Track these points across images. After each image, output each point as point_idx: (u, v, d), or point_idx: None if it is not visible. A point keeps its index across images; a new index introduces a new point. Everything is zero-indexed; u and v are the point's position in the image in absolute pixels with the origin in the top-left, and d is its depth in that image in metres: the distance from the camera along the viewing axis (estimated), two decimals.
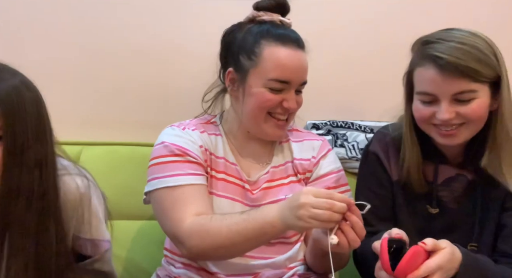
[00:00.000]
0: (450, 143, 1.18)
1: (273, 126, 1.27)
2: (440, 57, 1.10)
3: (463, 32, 1.14)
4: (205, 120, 1.36)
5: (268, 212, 1.11)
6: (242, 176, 1.29)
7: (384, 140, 1.31)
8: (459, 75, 1.10)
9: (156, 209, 1.24)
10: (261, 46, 1.24)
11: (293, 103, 1.25)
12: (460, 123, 1.15)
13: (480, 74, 1.10)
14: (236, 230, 1.11)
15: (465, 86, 1.11)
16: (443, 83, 1.11)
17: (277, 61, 1.23)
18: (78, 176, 1.07)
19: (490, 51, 1.12)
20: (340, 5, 1.74)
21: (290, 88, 1.25)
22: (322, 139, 1.41)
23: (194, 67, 1.67)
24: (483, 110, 1.14)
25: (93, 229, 1.09)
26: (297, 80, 1.25)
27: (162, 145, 1.25)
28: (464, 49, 1.10)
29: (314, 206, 1.02)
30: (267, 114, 1.26)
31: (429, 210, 1.25)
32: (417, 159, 1.24)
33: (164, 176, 1.21)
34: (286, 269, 1.27)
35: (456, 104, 1.13)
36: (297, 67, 1.25)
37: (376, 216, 1.27)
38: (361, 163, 1.37)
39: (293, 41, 1.26)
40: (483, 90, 1.13)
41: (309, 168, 1.33)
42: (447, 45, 1.11)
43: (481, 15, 1.74)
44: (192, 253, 1.16)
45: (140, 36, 1.66)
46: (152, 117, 1.66)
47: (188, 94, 1.68)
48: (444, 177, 1.26)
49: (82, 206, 1.06)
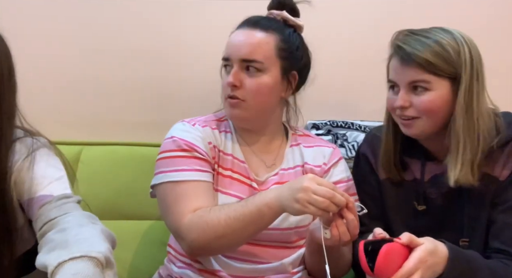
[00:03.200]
0: (410, 133, 1.22)
1: (228, 107, 1.27)
2: (401, 47, 1.18)
3: (438, 29, 1.19)
4: (218, 117, 1.36)
5: (266, 194, 1.12)
6: (250, 175, 1.29)
7: (373, 140, 1.35)
8: (414, 65, 1.15)
9: (160, 203, 1.24)
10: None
11: (229, 78, 1.23)
12: (415, 116, 1.18)
13: (434, 66, 1.15)
14: (234, 216, 1.11)
15: (418, 76, 1.16)
16: (401, 71, 1.18)
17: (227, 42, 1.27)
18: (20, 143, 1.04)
19: (454, 49, 1.15)
20: (340, 5, 1.74)
21: (232, 65, 1.25)
22: (334, 146, 1.41)
23: (195, 67, 1.67)
24: (436, 104, 1.17)
25: (32, 189, 1.00)
26: (235, 54, 1.24)
27: (171, 140, 1.25)
28: (425, 42, 1.16)
29: (315, 192, 1.03)
30: (225, 99, 1.27)
31: (416, 206, 1.27)
32: (389, 154, 1.28)
33: (170, 170, 1.21)
34: (289, 273, 1.27)
35: (412, 94, 1.18)
36: (237, 43, 1.25)
37: (368, 216, 1.28)
38: (353, 165, 1.41)
39: (245, 22, 1.28)
40: (439, 84, 1.16)
41: (320, 174, 1.32)
42: (412, 38, 1.18)
43: (481, 15, 1.74)
44: (193, 248, 1.16)
45: (140, 36, 1.66)
46: (152, 117, 1.66)
47: (188, 94, 1.69)
48: (431, 174, 1.27)
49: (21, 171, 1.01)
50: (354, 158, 1.42)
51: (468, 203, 1.22)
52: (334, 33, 1.74)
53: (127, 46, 1.65)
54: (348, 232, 1.06)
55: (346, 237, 1.06)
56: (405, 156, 1.29)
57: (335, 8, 1.74)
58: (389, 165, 1.29)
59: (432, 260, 1.03)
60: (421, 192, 1.27)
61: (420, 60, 1.15)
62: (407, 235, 1.03)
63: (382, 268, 0.99)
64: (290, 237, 1.27)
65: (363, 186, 1.35)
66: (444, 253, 1.05)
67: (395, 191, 1.30)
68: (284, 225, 1.24)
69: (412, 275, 1.00)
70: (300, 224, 1.26)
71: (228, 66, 1.26)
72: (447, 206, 1.25)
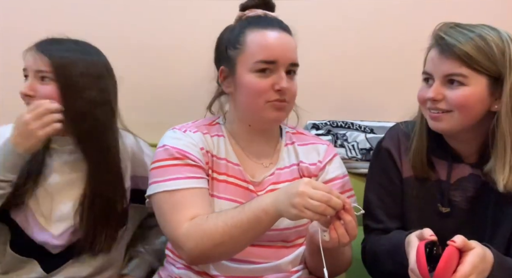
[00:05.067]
0: (437, 128, 1.18)
1: (271, 110, 1.24)
2: (442, 38, 1.14)
3: (485, 26, 1.15)
4: (209, 122, 1.36)
5: (263, 199, 1.12)
6: (245, 177, 1.28)
7: (397, 136, 1.31)
8: (453, 57, 1.12)
9: (156, 213, 1.24)
10: (245, 34, 1.25)
11: (284, 83, 1.22)
12: (446, 110, 1.15)
13: (474, 61, 1.11)
14: (232, 223, 1.11)
15: (456, 69, 1.12)
16: (438, 62, 1.14)
17: (261, 42, 1.23)
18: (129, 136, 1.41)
19: (498, 47, 1.11)
20: (340, 5, 1.74)
21: (278, 69, 1.23)
22: (327, 143, 1.40)
23: (194, 68, 1.66)
24: (471, 100, 1.13)
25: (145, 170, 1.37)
26: (284, 59, 1.23)
27: (163, 148, 1.25)
28: (468, 36, 1.12)
29: (311, 197, 1.02)
30: (265, 103, 1.24)
31: (440, 209, 1.24)
32: (421, 152, 1.24)
33: (163, 180, 1.21)
34: (289, 272, 1.27)
35: (446, 87, 1.14)
36: (282, 46, 1.24)
37: (386, 213, 1.27)
38: (372, 159, 1.37)
39: (275, 25, 1.26)
40: (477, 79, 1.12)
41: (315, 172, 1.32)
42: (455, 30, 1.14)
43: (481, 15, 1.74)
44: (192, 256, 1.16)
45: (140, 36, 1.66)
46: (152, 118, 1.66)
47: (188, 95, 1.68)
48: (457, 176, 1.24)
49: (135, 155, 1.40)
50: (374, 151, 1.36)
51: (493, 209, 1.19)
52: (335, 33, 1.74)
53: (127, 47, 1.64)
54: (347, 234, 1.05)
55: (345, 239, 1.05)
56: (432, 155, 1.26)
57: (335, 8, 1.73)
58: (420, 163, 1.24)
59: (483, 265, 1.00)
60: (446, 194, 1.24)
61: (461, 53, 1.10)
62: (461, 238, 1.00)
63: (443, 272, 0.97)
64: (289, 236, 1.27)
65: (383, 182, 1.30)
66: (491, 258, 1.03)
67: (417, 190, 1.26)
68: (283, 225, 1.24)
69: None
70: (298, 224, 1.26)
71: (271, 70, 1.23)
72: (470, 210, 1.22)
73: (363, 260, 1.33)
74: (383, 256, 1.20)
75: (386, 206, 1.28)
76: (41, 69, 1.23)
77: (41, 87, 1.23)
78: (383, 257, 1.20)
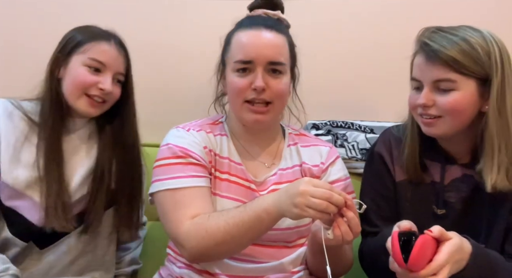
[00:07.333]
0: (431, 133, 1.19)
1: (247, 111, 1.24)
2: (427, 44, 1.14)
3: (467, 28, 1.15)
4: (212, 121, 1.36)
5: (264, 199, 1.12)
6: (247, 176, 1.29)
7: (389, 141, 1.31)
8: (440, 63, 1.12)
9: (159, 211, 1.24)
10: (233, 35, 1.27)
11: (259, 82, 1.21)
12: (438, 115, 1.15)
13: (461, 65, 1.11)
14: (233, 223, 1.11)
15: (444, 74, 1.12)
16: (426, 69, 1.14)
17: (239, 43, 1.25)
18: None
19: (483, 49, 1.12)
20: (340, 5, 1.74)
21: (255, 68, 1.23)
22: (330, 145, 1.40)
23: (195, 68, 1.67)
24: (461, 104, 1.13)
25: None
26: (261, 58, 1.22)
27: (167, 147, 1.26)
28: (453, 40, 1.12)
29: (313, 195, 1.03)
30: (244, 103, 1.24)
31: (435, 210, 1.25)
32: (414, 156, 1.24)
33: (166, 178, 1.22)
34: (290, 273, 1.27)
35: (436, 93, 1.15)
36: (260, 45, 1.23)
37: (381, 217, 1.27)
38: (366, 164, 1.37)
39: (260, 23, 1.26)
40: (465, 84, 1.12)
41: (317, 173, 1.32)
42: (439, 35, 1.14)
43: (480, 14, 1.74)
44: (193, 255, 1.16)
45: (140, 36, 1.66)
46: (152, 118, 1.66)
47: (188, 95, 1.69)
48: (451, 177, 1.25)
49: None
50: (367, 156, 1.37)
51: (488, 208, 1.20)
52: (334, 33, 1.74)
53: (130, 46, 1.63)
54: (350, 230, 1.05)
55: (348, 236, 1.05)
56: (425, 158, 1.26)
57: (335, 8, 1.74)
58: (414, 167, 1.25)
59: (459, 255, 1.02)
60: (441, 195, 1.24)
61: (447, 58, 1.11)
62: (438, 228, 1.01)
63: (416, 260, 0.98)
64: (290, 237, 1.28)
65: (377, 186, 1.31)
66: (469, 249, 1.04)
67: (411, 193, 1.27)
68: (284, 225, 1.24)
69: (442, 269, 0.99)
70: (300, 224, 1.26)
71: (247, 69, 1.23)
72: (465, 210, 1.23)
73: (361, 263, 1.33)
74: (380, 252, 1.21)
75: (381, 210, 1.28)
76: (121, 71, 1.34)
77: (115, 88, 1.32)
78: (379, 254, 1.21)
